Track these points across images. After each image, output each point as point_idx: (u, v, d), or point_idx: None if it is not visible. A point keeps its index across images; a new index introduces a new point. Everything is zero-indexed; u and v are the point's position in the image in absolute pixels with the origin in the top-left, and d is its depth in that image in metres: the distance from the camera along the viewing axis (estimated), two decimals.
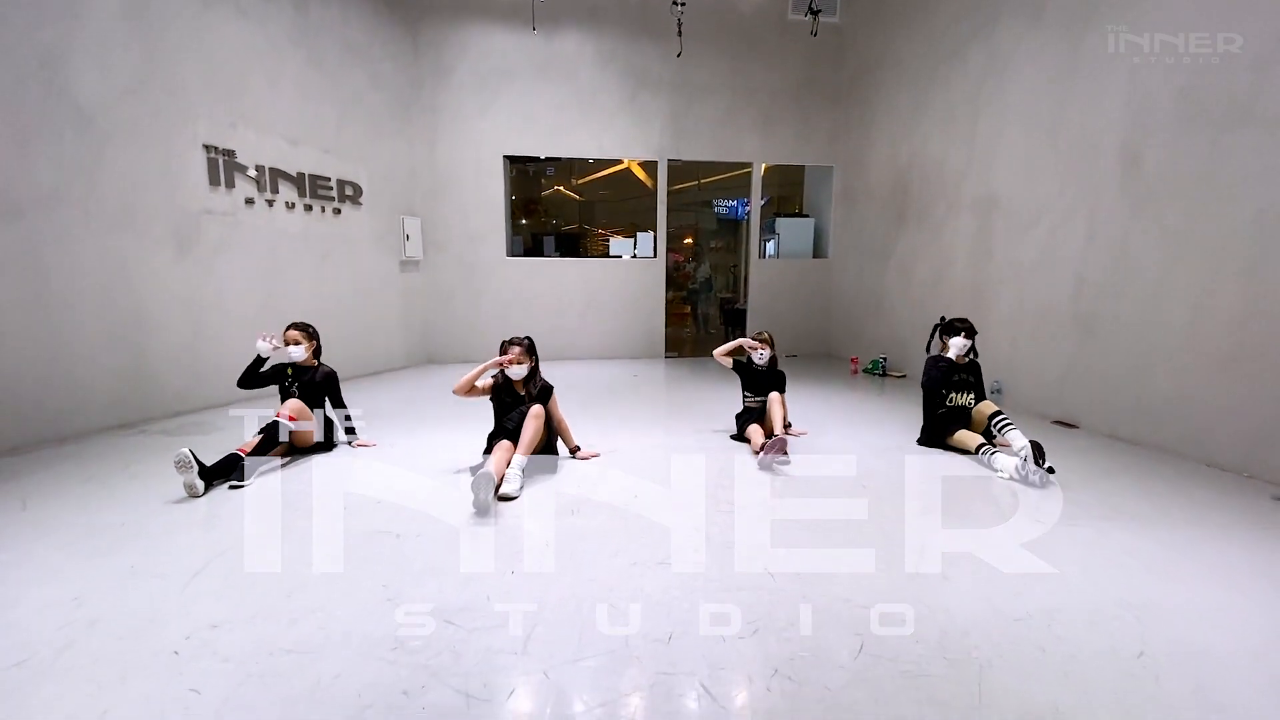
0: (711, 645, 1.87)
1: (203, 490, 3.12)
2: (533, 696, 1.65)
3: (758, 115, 8.09)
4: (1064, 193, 4.71)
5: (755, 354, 4.18)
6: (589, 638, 1.90)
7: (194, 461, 3.06)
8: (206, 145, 4.99)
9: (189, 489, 3.08)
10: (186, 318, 4.88)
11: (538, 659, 1.79)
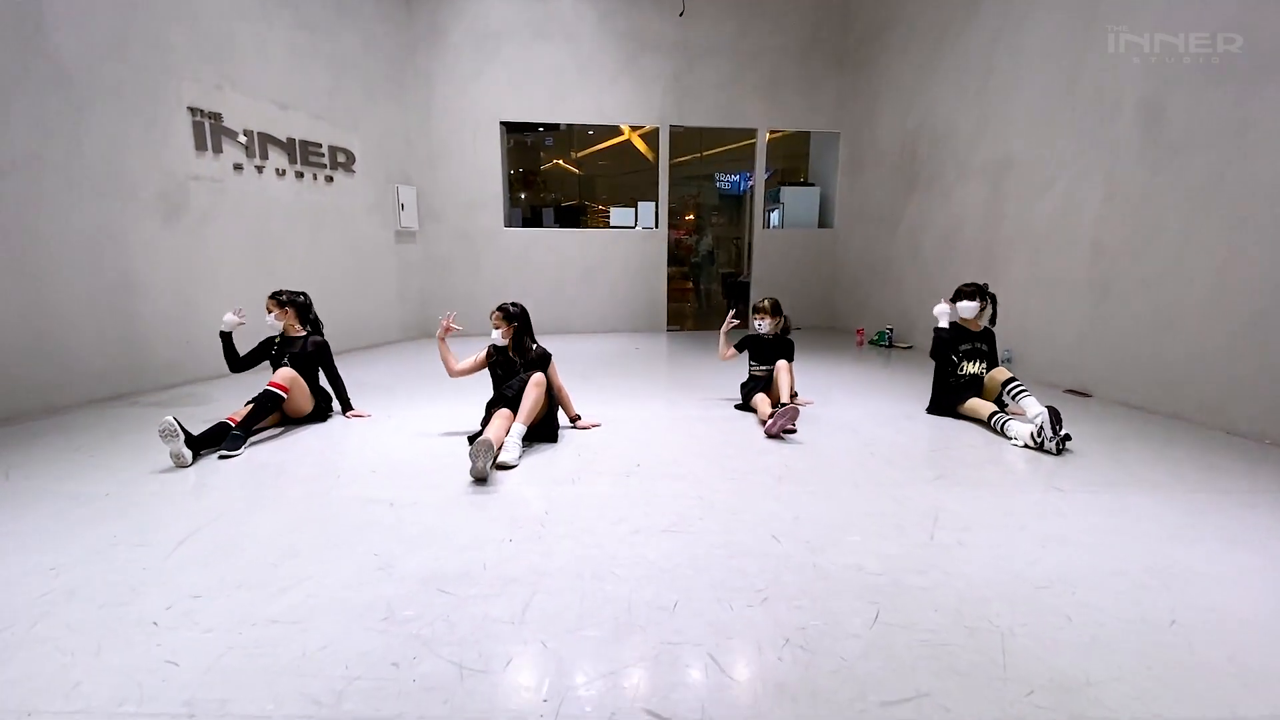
0: (718, 613, 1.78)
1: (190, 460, 3.02)
2: (531, 667, 1.56)
3: (762, 79, 7.84)
4: (1081, 152, 4.53)
5: (756, 323, 4.05)
6: (590, 606, 1.81)
7: (179, 429, 2.97)
8: (192, 108, 4.81)
9: (176, 458, 2.99)
10: (177, 287, 4.75)
11: (536, 628, 1.70)
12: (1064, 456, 3.15)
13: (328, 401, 3.91)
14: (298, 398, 3.61)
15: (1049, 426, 3.13)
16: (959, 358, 3.90)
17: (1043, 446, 3.19)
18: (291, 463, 3.07)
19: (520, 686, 1.49)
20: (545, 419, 3.36)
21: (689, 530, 2.30)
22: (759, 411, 3.72)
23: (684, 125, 7.85)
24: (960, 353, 3.90)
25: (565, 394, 3.62)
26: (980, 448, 3.29)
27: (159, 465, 3.00)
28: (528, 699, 1.44)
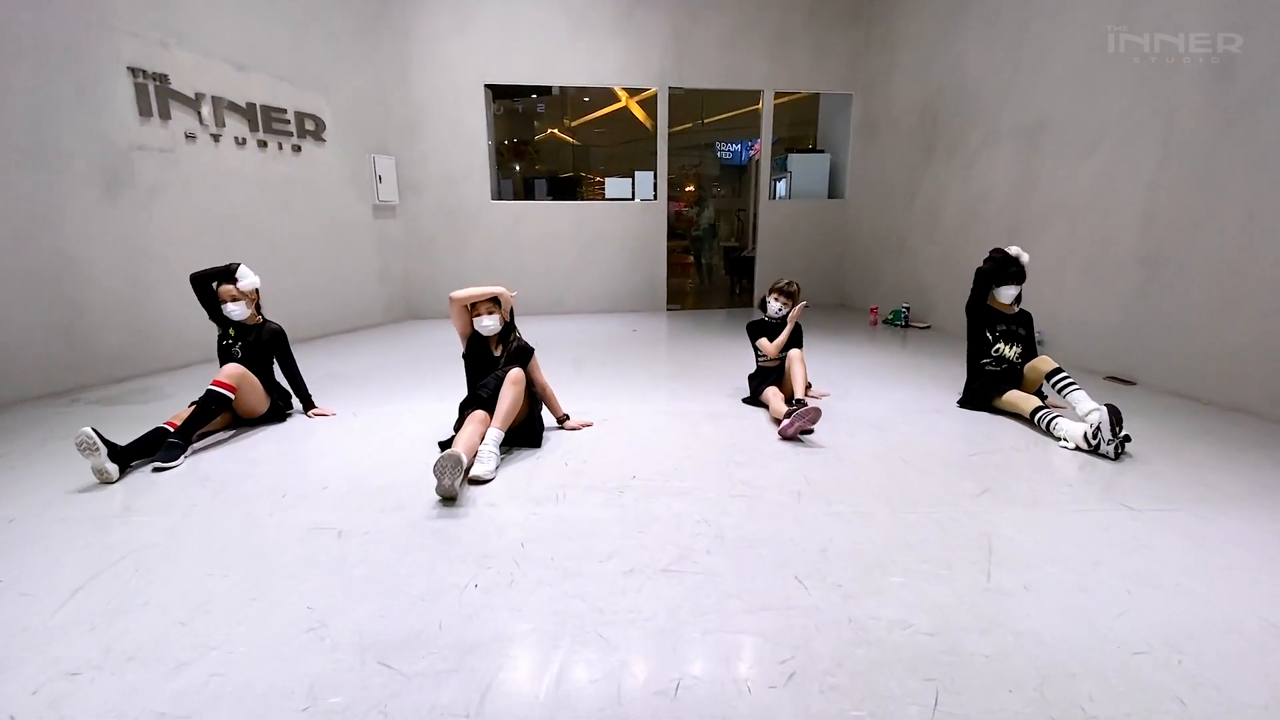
0: (733, 700, 1.38)
1: (117, 475, 2.62)
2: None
3: (768, 36, 7.23)
4: (1132, 109, 4.02)
5: (773, 302, 3.60)
6: (569, 691, 1.41)
7: (99, 442, 2.55)
8: (133, 68, 4.29)
9: (99, 474, 2.58)
10: (125, 269, 4.30)
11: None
12: (1123, 461, 2.74)
13: (286, 399, 3.49)
14: (249, 397, 3.19)
15: (1108, 427, 2.71)
16: (993, 336, 3.47)
17: (1098, 449, 2.77)
18: (234, 477, 2.66)
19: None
20: (527, 421, 2.95)
21: (694, 569, 1.90)
22: (771, 407, 3.30)
23: (684, 88, 7.26)
24: (995, 331, 3.47)
25: (550, 391, 3.20)
26: (1026, 451, 2.87)
27: (82, 482, 2.60)
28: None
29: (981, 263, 3.46)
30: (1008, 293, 3.43)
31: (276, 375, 3.46)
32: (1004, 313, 3.49)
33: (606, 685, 1.42)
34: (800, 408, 3.00)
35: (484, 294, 2.95)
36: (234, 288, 3.26)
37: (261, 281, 3.39)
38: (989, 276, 3.43)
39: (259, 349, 3.33)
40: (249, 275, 3.32)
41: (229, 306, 3.24)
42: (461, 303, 2.95)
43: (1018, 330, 3.48)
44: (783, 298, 3.61)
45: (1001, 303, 3.48)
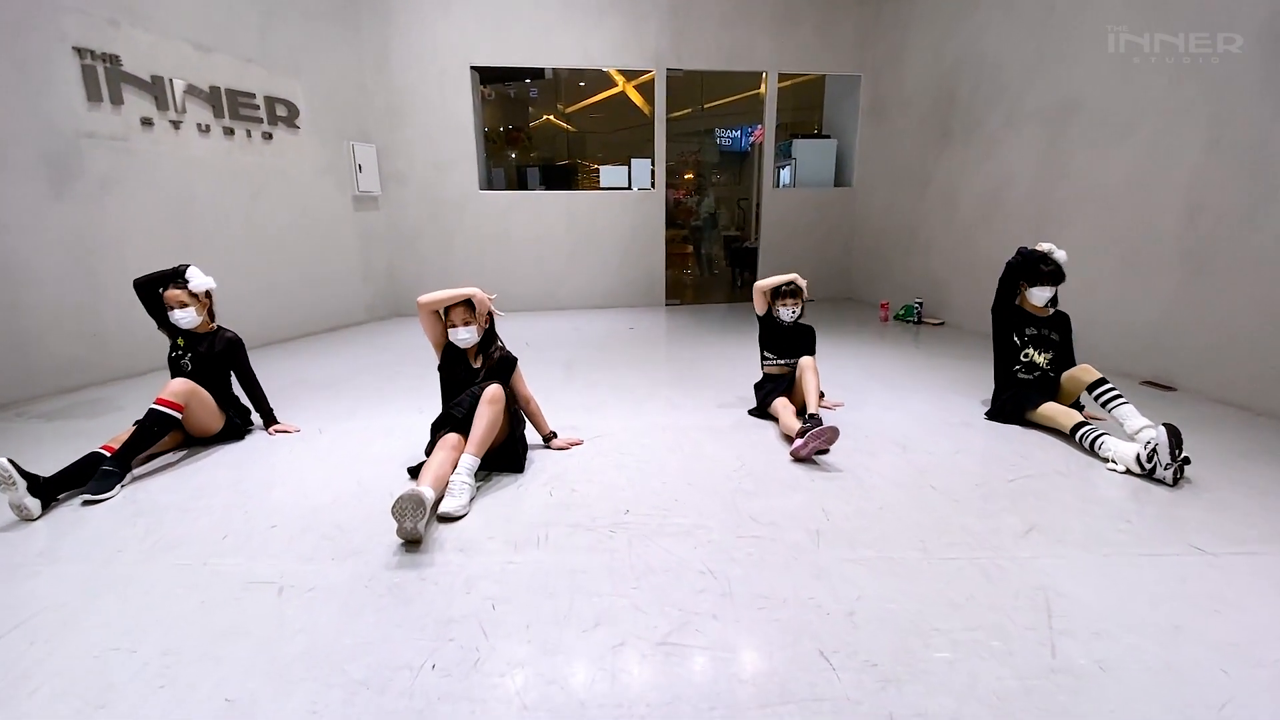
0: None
1: (39, 511, 2.29)
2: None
3: (772, 15, 6.81)
4: (1175, 88, 3.66)
5: (785, 309, 3.26)
6: None
7: (15, 475, 2.22)
8: (79, 48, 3.91)
9: (17, 510, 2.26)
10: (75, 269, 3.95)
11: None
12: (1181, 488, 2.41)
13: (245, 415, 3.16)
14: (200, 415, 2.85)
15: (1167, 450, 2.38)
16: (1021, 341, 3.14)
17: (1153, 474, 2.45)
18: (173, 512, 2.34)
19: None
20: (508, 442, 2.62)
21: (698, 641, 1.58)
22: (781, 421, 2.97)
23: (682, 69, 6.86)
24: (1024, 335, 3.14)
25: (535, 406, 2.87)
26: (1072, 475, 2.55)
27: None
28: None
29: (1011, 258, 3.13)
30: (1041, 294, 3.10)
31: (235, 388, 3.13)
32: (1035, 315, 3.16)
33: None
34: (815, 425, 2.67)
35: (456, 296, 2.61)
36: (182, 292, 2.91)
37: (218, 283, 3.05)
38: (1017, 272, 3.11)
39: (212, 361, 2.99)
40: (199, 277, 2.97)
41: (177, 314, 2.89)
42: (431, 308, 2.61)
43: (1050, 335, 3.15)
44: (791, 300, 3.26)
45: (1034, 305, 3.14)
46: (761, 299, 3.30)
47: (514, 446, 2.63)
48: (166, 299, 2.89)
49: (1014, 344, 3.15)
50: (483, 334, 2.69)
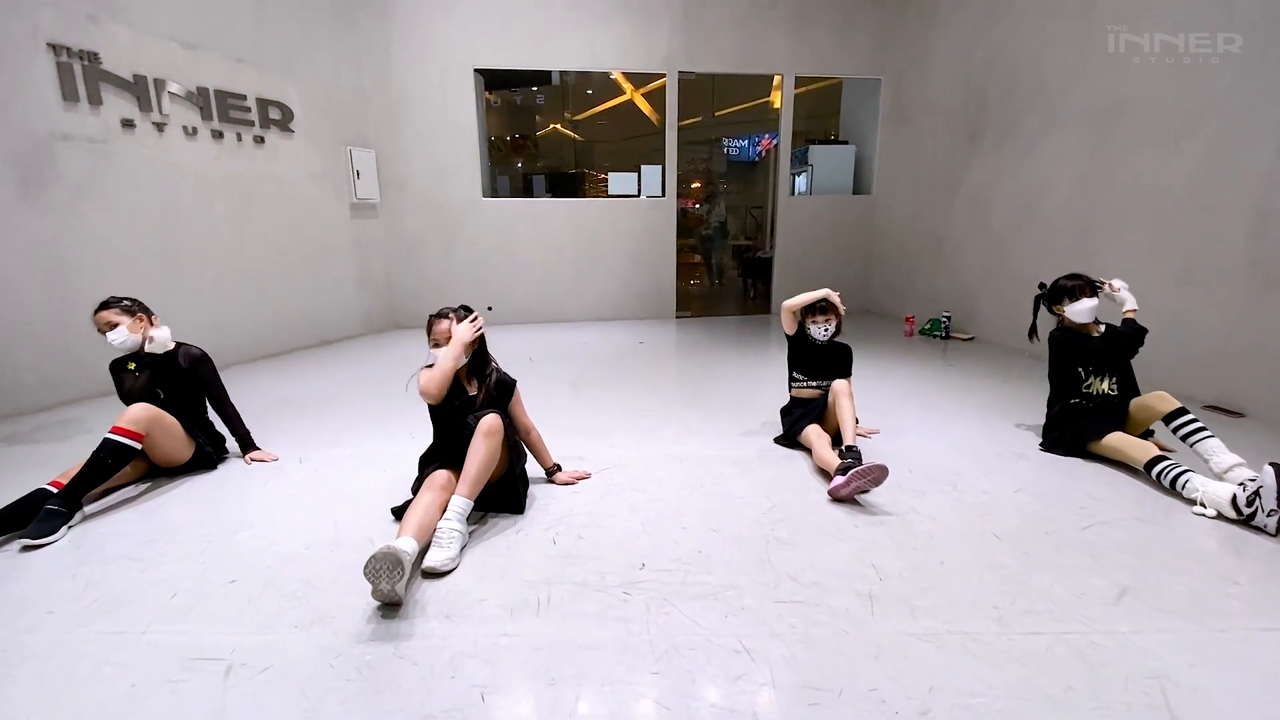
0: None
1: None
2: None
3: (788, 16, 6.54)
4: (1240, 86, 3.34)
5: (815, 326, 2.94)
6: None
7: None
8: (55, 45, 3.66)
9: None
10: (45, 280, 3.68)
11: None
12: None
13: (219, 442, 2.85)
14: (164, 444, 2.55)
15: (1273, 494, 2.04)
16: (1085, 372, 2.81)
17: (1252, 519, 2.11)
18: (121, 561, 2.03)
19: None
20: (506, 479, 2.30)
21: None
22: (815, 454, 2.65)
23: (694, 72, 6.59)
24: (1086, 366, 2.82)
25: (537, 436, 2.56)
26: (1154, 523, 2.21)
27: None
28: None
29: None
30: (1081, 309, 2.80)
31: (207, 410, 2.84)
32: (1088, 336, 2.84)
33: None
34: (856, 461, 2.35)
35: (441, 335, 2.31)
36: (111, 311, 2.59)
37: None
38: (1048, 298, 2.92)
39: (178, 381, 2.69)
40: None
41: (109, 336, 2.57)
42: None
43: (1109, 355, 2.82)
44: (823, 316, 2.93)
45: (1078, 324, 2.84)
46: (790, 319, 2.97)
47: (513, 484, 2.31)
48: (95, 321, 2.58)
49: (1077, 375, 2.84)
50: (471, 353, 2.37)
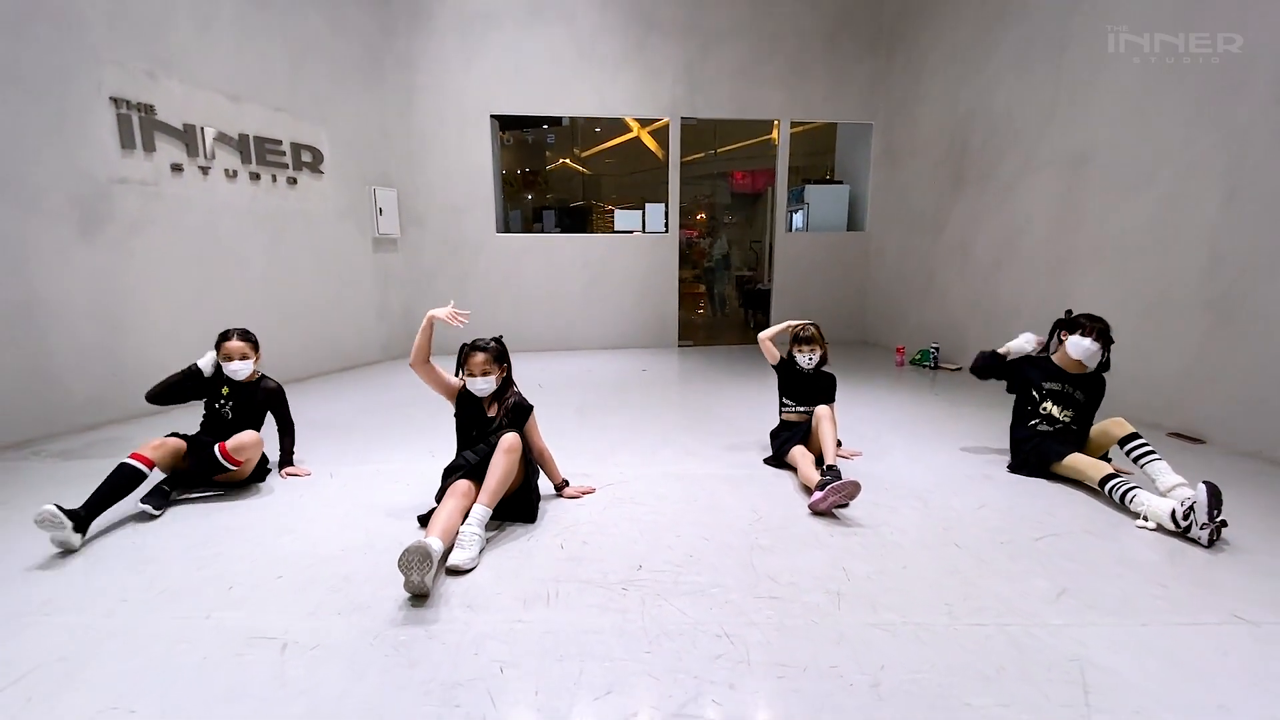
0: None
1: (79, 543, 2.36)
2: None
3: (784, 65, 6.99)
4: (1192, 140, 3.66)
5: (801, 355, 3.23)
6: None
7: (64, 519, 2.29)
8: (116, 99, 4.08)
9: (62, 546, 2.33)
10: (98, 310, 4.02)
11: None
12: (1218, 550, 2.31)
13: (264, 460, 3.16)
14: (251, 461, 2.88)
15: (1204, 509, 2.29)
16: (1039, 395, 3.09)
17: (1187, 532, 2.35)
18: (181, 559, 2.31)
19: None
20: (521, 491, 2.58)
21: (714, 714, 1.50)
22: (800, 472, 2.91)
23: (696, 117, 7.02)
24: (1044, 390, 3.08)
25: (548, 455, 2.84)
26: (1102, 535, 2.45)
27: (25, 559, 2.27)
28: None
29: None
30: (1078, 345, 2.97)
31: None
32: (1062, 371, 3.08)
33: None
34: (834, 478, 2.61)
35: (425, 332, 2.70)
36: (245, 344, 2.98)
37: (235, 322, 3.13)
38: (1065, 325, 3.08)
39: (255, 408, 3.05)
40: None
41: (235, 364, 2.94)
42: (421, 360, 2.69)
43: (1073, 394, 3.04)
44: (808, 346, 3.22)
45: (1070, 357, 3.03)
46: (767, 349, 3.29)
47: (528, 496, 2.59)
48: (227, 350, 2.94)
49: (1032, 396, 3.10)
50: (501, 382, 2.68)
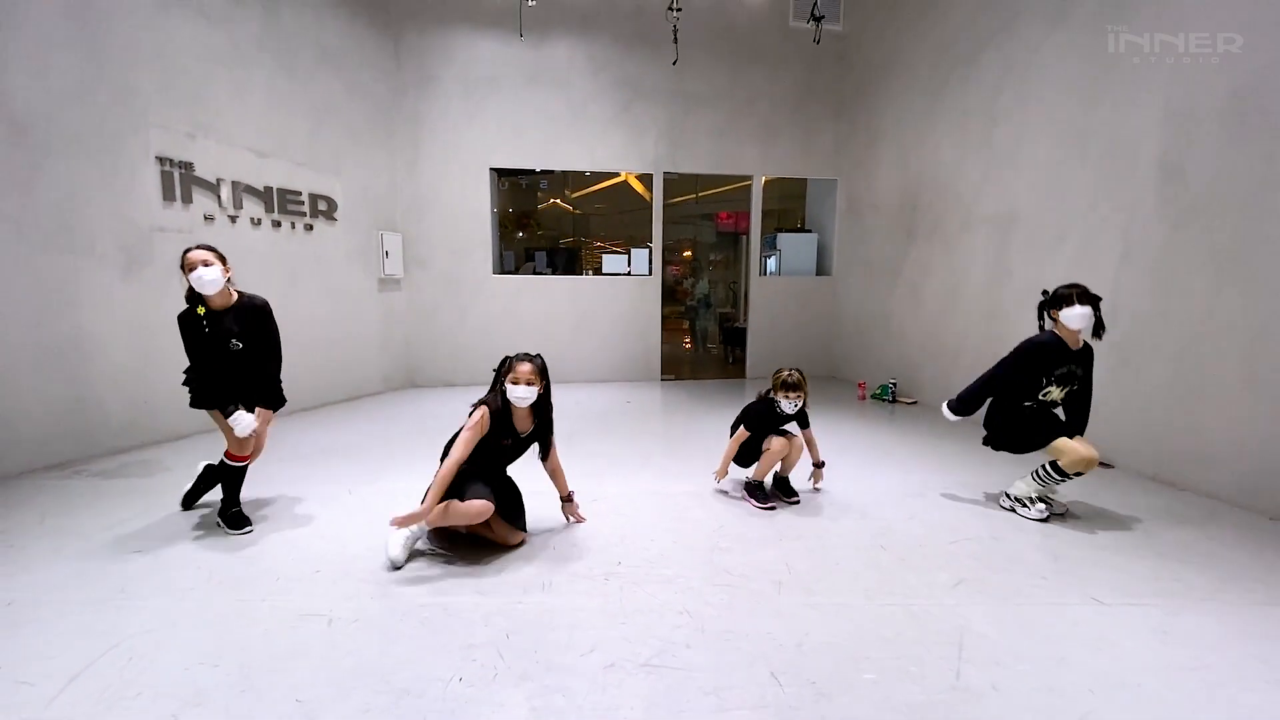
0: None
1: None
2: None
3: (757, 126, 7.72)
4: (1094, 207, 4.31)
5: (787, 402, 3.34)
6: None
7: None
8: (160, 157, 4.59)
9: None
10: (135, 343, 4.46)
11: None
12: (1097, 553, 2.81)
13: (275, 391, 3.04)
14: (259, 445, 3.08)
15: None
16: (1049, 381, 3.11)
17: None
18: (230, 559, 2.72)
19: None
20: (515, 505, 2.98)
21: (674, 664, 1.95)
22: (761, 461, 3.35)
23: (678, 172, 7.70)
24: (1054, 375, 3.10)
25: (560, 468, 3.12)
26: (1003, 540, 2.95)
27: (78, 562, 2.66)
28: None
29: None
30: (1076, 315, 2.97)
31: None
32: (1070, 349, 3.07)
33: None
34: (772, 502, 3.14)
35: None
36: (205, 250, 2.75)
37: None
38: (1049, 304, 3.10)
39: (249, 329, 2.85)
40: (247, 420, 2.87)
41: (200, 272, 2.68)
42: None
43: (1076, 371, 3.09)
44: (794, 393, 3.31)
45: (1072, 330, 3.04)
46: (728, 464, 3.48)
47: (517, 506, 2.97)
48: (189, 260, 2.72)
49: (1039, 381, 3.08)
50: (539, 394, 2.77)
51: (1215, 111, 3.53)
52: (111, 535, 2.93)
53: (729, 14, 7.41)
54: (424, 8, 6.94)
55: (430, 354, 7.26)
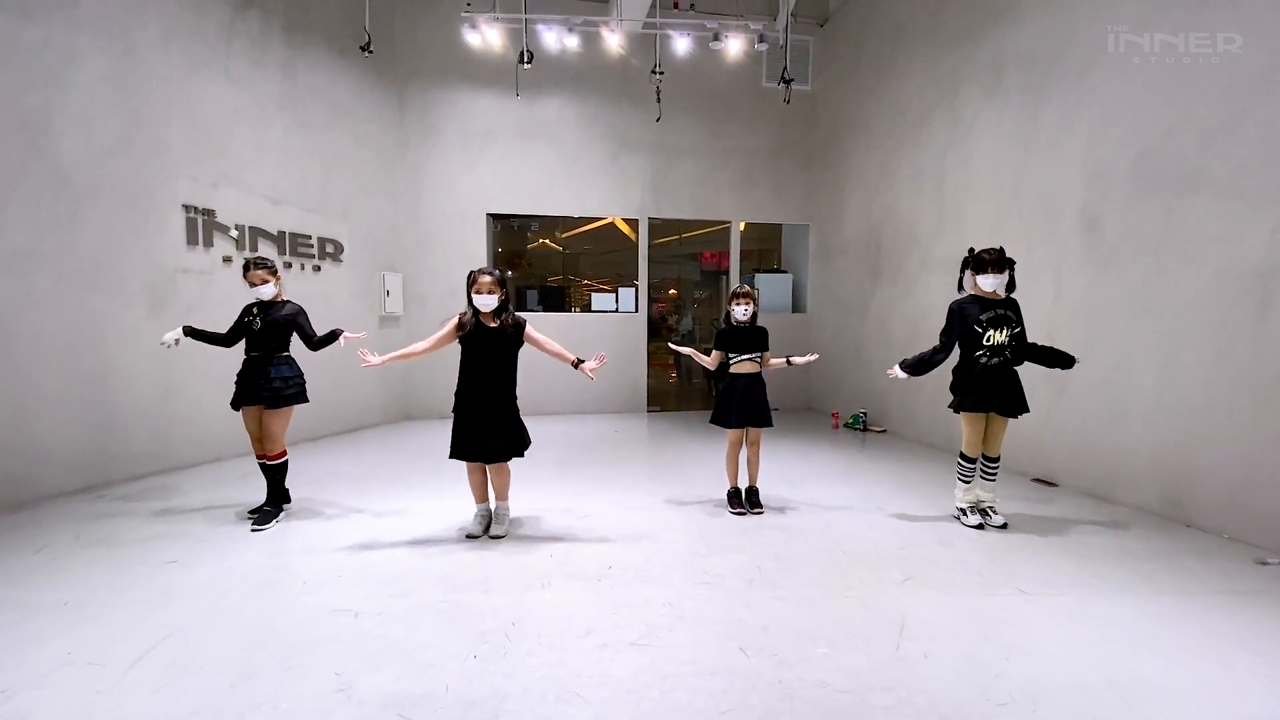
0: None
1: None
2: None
3: (735, 175, 8.32)
4: (1031, 253, 4.84)
5: (737, 308, 3.80)
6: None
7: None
8: (186, 205, 5.00)
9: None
10: (157, 376, 4.77)
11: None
12: (1030, 555, 3.20)
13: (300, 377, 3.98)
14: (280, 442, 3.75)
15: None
16: (982, 328, 3.46)
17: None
18: (259, 568, 3.02)
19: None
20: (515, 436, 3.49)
21: (657, 643, 2.30)
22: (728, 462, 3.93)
23: (661, 218, 8.24)
24: (982, 321, 3.46)
25: (554, 346, 3.53)
26: (949, 546, 3.33)
27: (124, 571, 2.95)
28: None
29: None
30: (987, 280, 3.44)
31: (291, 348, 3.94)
32: (990, 300, 3.50)
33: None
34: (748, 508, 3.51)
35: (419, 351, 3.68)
36: (263, 270, 3.71)
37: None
38: (971, 264, 3.54)
39: (277, 324, 3.76)
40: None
41: (260, 288, 3.69)
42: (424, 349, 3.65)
43: (1007, 314, 3.48)
44: (744, 299, 3.79)
45: (985, 291, 3.49)
46: (702, 361, 3.97)
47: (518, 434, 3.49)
48: (250, 279, 3.68)
49: (975, 334, 3.46)
50: (500, 300, 3.40)
51: (1125, 170, 4.09)
52: (143, 549, 3.22)
53: (707, 75, 8.08)
54: (427, 67, 7.52)
55: (426, 388, 7.59)
